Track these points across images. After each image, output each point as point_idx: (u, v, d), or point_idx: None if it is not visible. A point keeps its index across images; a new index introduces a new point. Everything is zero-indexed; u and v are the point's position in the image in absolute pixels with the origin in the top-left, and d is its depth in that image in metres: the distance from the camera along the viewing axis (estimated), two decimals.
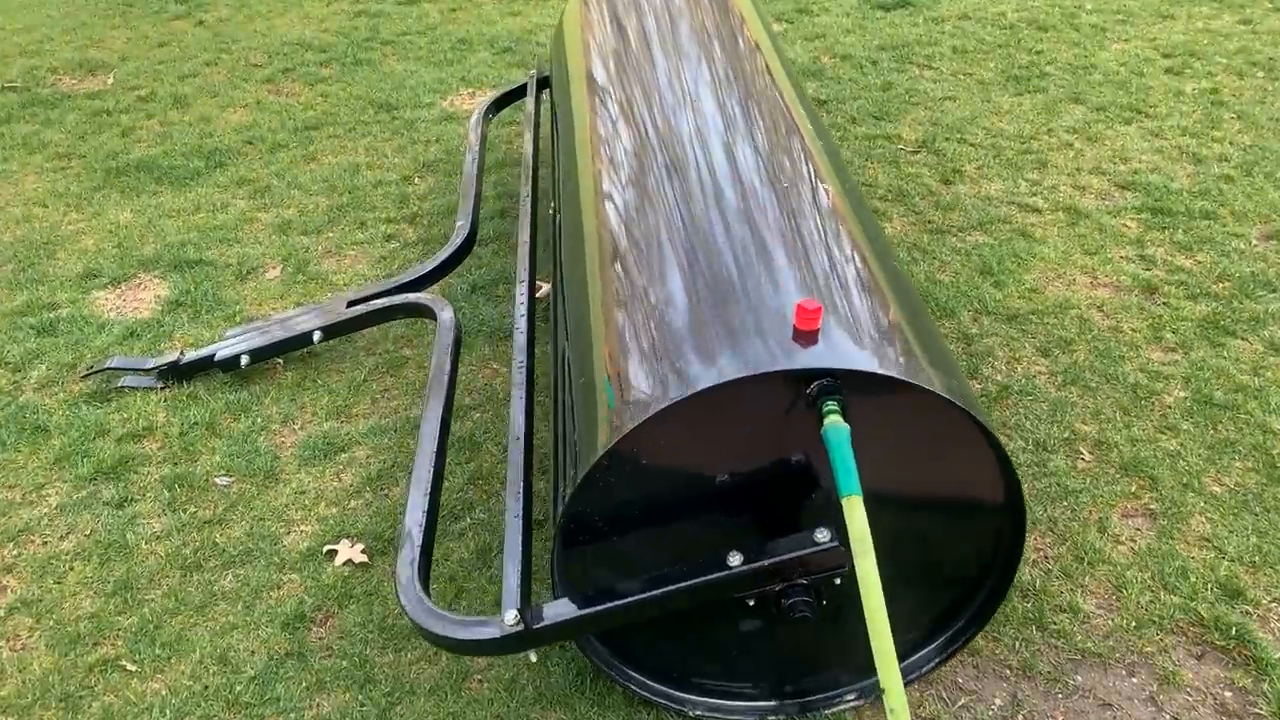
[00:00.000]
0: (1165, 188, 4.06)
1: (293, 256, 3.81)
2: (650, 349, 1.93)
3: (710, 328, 1.88)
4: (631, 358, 1.97)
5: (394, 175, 4.38)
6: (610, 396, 1.92)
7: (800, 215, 2.28)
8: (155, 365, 3.11)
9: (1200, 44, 5.46)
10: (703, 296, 1.98)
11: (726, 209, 2.26)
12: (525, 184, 3.40)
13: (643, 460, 1.80)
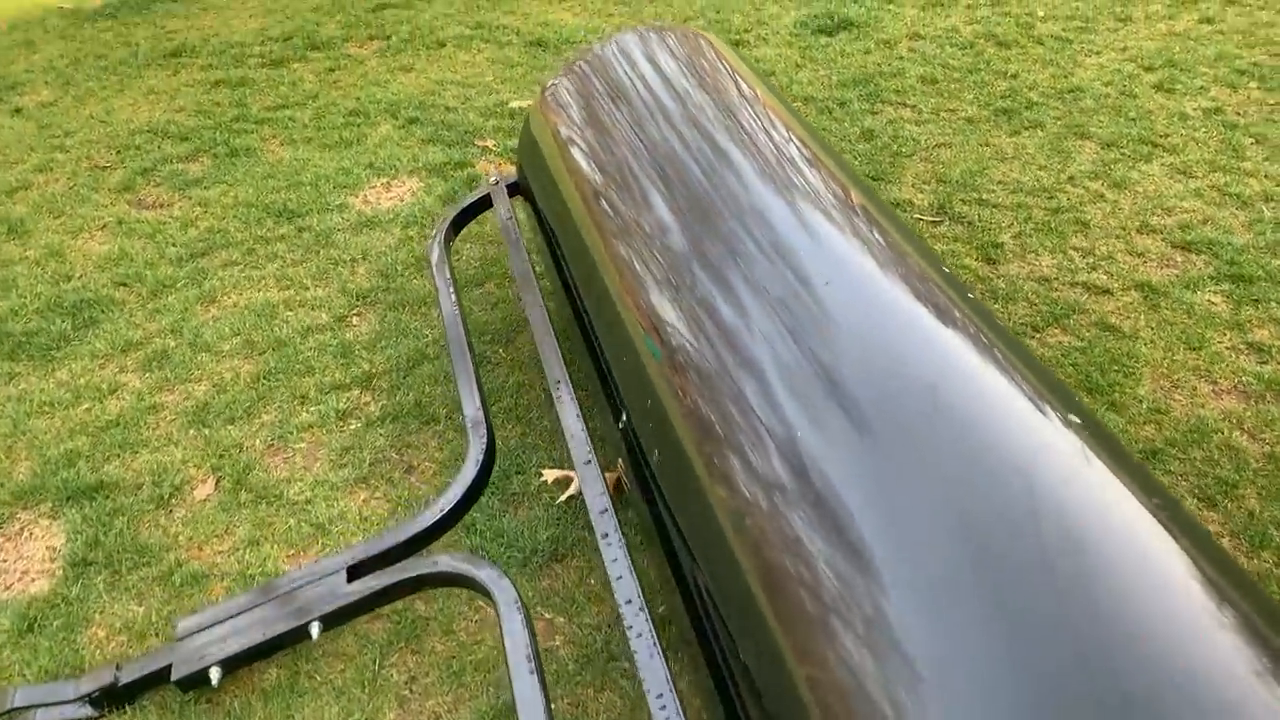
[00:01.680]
0: (1229, 244, 3.58)
1: (225, 461, 2.91)
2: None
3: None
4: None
5: (324, 315, 3.50)
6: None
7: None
8: (82, 693, 2.21)
9: (1174, 51, 5.05)
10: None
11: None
12: (545, 339, 2.59)
13: None
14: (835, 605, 1.40)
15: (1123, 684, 1.17)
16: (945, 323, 1.76)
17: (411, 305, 3.51)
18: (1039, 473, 1.44)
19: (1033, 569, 1.31)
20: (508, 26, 5.72)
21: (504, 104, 4.85)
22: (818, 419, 1.61)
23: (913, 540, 1.40)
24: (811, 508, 1.51)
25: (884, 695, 1.27)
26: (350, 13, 6.04)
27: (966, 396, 1.59)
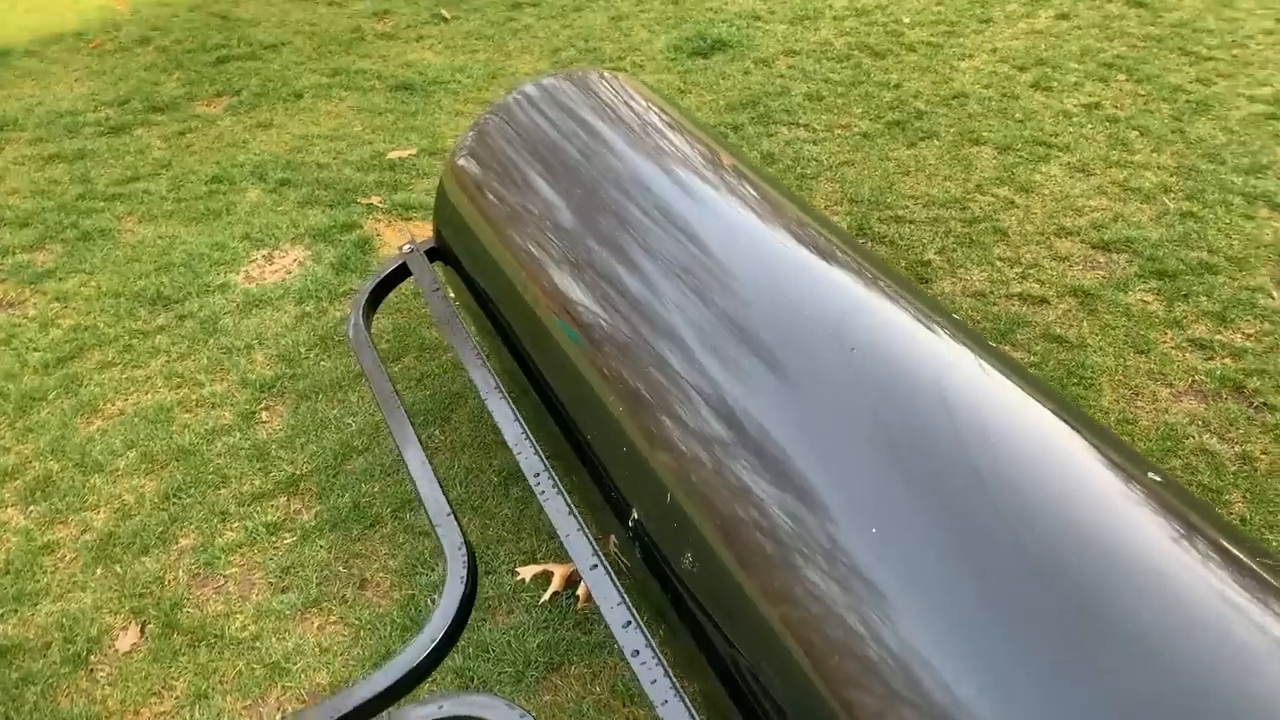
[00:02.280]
0: (1144, 240, 3.63)
1: (146, 601, 2.56)
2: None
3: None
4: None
5: (227, 414, 3.14)
6: None
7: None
8: None
9: (1040, 50, 5.16)
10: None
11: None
12: (509, 426, 2.34)
13: None
14: (794, 543, 1.54)
15: (1071, 579, 1.31)
16: (838, 265, 1.98)
17: (325, 392, 3.20)
18: (951, 392, 1.63)
19: (962, 478, 1.48)
20: (367, 71, 5.40)
21: (381, 155, 4.54)
22: (740, 372, 1.77)
23: (850, 471, 1.56)
24: (753, 455, 1.66)
25: (857, 619, 1.40)
26: (189, 69, 5.59)
27: (871, 329, 1.77)
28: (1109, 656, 1.24)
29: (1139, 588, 1.31)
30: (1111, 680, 1.22)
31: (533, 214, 2.49)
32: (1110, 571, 1.34)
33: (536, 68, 5.33)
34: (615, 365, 2.02)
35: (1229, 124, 4.38)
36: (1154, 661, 1.23)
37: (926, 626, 1.35)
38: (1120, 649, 1.25)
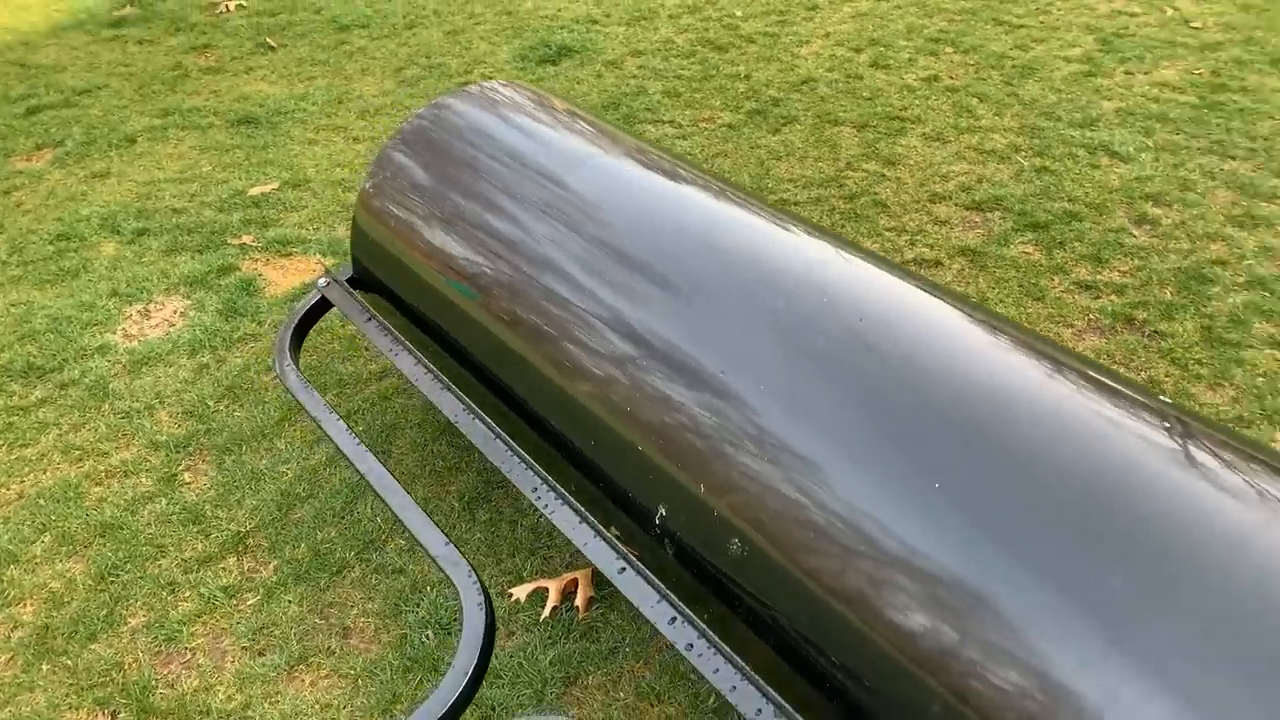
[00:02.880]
0: (1010, 196, 3.89)
1: (110, 690, 2.36)
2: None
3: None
4: None
5: (145, 481, 2.94)
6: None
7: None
8: None
9: (870, 31, 5.43)
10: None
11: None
12: (490, 445, 2.31)
13: None
14: (720, 436, 1.79)
15: (973, 427, 1.61)
16: (692, 183, 2.31)
17: (248, 442, 3.04)
18: (817, 264, 1.97)
19: (851, 346, 1.77)
20: (201, 108, 5.13)
21: (240, 193, 4.33)
22: (627, 291, 2.05)
23: (751, 358, 1.83)
24: (662, 364, 1.92)
25: (795, 491, 1.67)
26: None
27: (734, 229, 2.10)
28: (1011, 480, 1.56)
29: (1030, 419, 1.62)
30: (1015, 497, 1.54)
31: (461, 227, 2.52)
32: (1006, 415, 1.63)
33: (383, 88, 5.20)
34: (573, 357, 2.12)
35: (1054, 84, 4.74)
36: (1042, 475, 1.54)
37: (849, 484, 1.64)
38: (1019, 473, 1.56)
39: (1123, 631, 1.41)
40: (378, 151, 2.80)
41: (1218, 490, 1.55)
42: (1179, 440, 1.64)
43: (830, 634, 1.67)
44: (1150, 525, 1.50)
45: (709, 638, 1.84)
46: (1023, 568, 1.53)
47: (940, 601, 1.54)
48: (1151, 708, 1.34)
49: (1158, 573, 1.44)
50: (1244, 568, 1.41)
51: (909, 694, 1.55)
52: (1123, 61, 4.90)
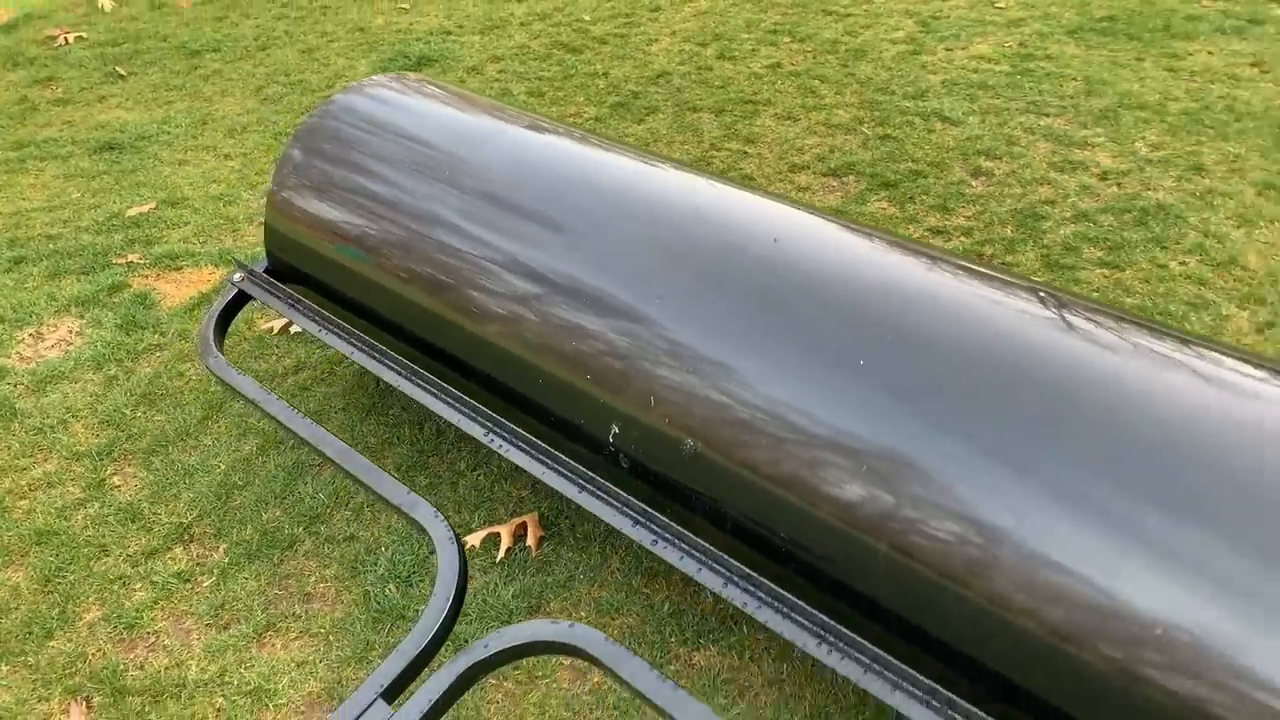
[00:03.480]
0: (861, 162, 4.27)
1: (77, 679, 2.40)
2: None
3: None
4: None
5: (74, 489, 2.95)
6: None
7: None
8: None
9: (713, 27, 5.79)
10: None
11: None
12: (427, 393, 2.46)
13: None
14: (634, 353, 2.08)
15: (869, 314, 1.94)
16: (573, 138, 2.65)
17: (174, 443, 3.09)
18: (691, 192, 2.33)
19: (724, 249, 2.11)
20: (57, 139, 5.05)
21: (117, 215, 4.32)
22: (514, 234, 2.34)
23: (645, 273, 2.13)
24: (565, 295, 2.20)
25: (709, 390, 1.96)
26: None
27: (618, 171, 2.44)
28: (916, 359, 1.86)
29: (929, 305, 1.93)
30: (923, 373, 1.83)
31: (367, 206, 2.71)
32: (909, 304, 1.94)
33: (246, 107, 5.24)
34: (496, 309, 2.34)
35: (885, 63, 5.19)
36: (943, 351, 1.85)
37: (770, 380, 1.93)
38: (923, 352, 1.85)
39: (1026, 468, 1.70)
40: (279, 154, 2.91)
41: (1089, 343, 1.87)
42: (1052, 308, 1.97)
43: (777, 513, 1.92)
44: (1036, 378, 1.81)
45: (671, 530, 2.05)
46: (935, 431, 1.81)
47: (865, 469, 1.80)
48: (1056, 522, 1.63)
49: (1049, 416, 1.74)
50: (1119, 403, 1.73)
51: (854, 553, 1.81)
52: (942, 40, 5.40)
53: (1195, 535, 1.53)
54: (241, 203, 4.35)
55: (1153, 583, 1.53)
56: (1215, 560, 1.52)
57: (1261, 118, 4.37)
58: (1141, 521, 1.59)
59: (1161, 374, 1.78)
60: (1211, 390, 1.73)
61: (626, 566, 2.55)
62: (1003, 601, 1.65)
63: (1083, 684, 1.59)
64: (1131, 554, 1.56)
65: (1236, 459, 1.60)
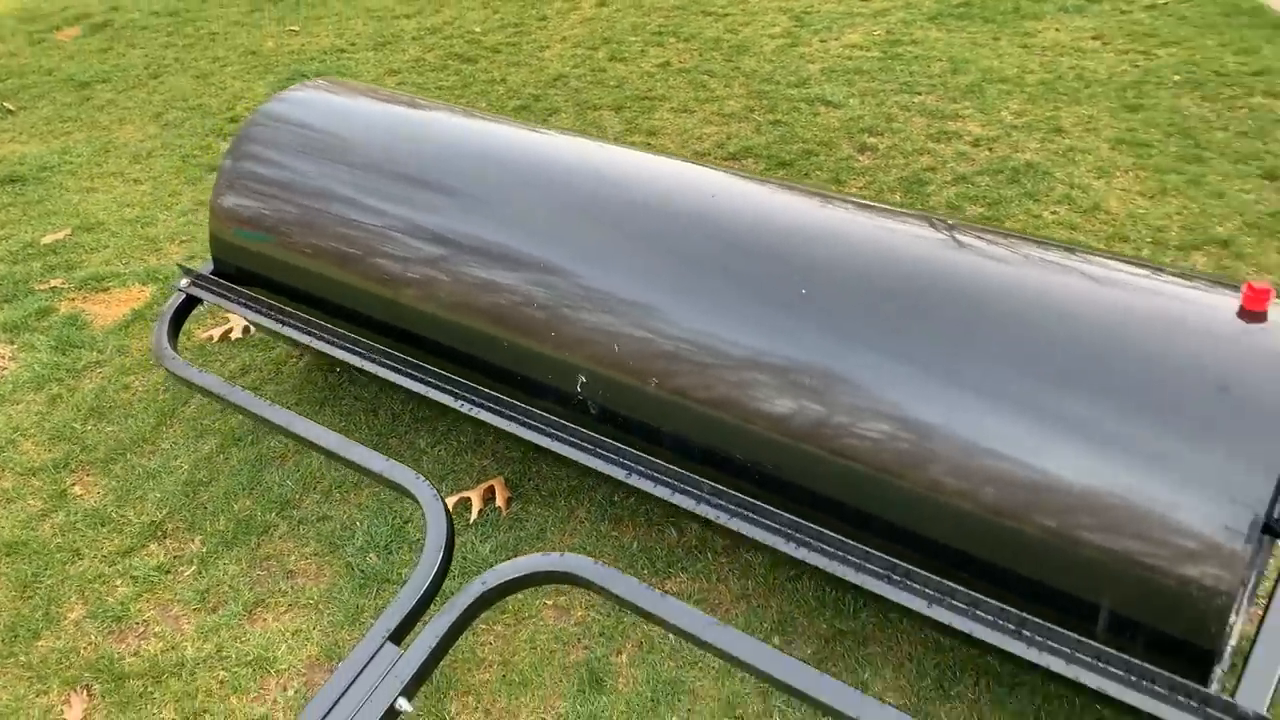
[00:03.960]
0: (759, 145, 4.57)
1: (72, 671, 2.47)
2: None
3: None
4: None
5: (35, 501, 2.99)
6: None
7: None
8: None
9: (601, 32, 6.06)
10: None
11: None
12: (404, 378, 2.64)
13: None
14: (554, 302, 2.35)
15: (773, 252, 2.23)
16: (485, 120, 2.95)
17: (131, 450, 3.17)
18: (589, 152, 2.67)
19: (671, 207, 2.38)
20: None
21: (32, 244, 4.32)
22: (464, 214, 2.57)
23: (547, 222, 2.45)
24: (472, 253, 2.49)
25: (669, 332, 2.21)
26: None
27: (521, 144, 2.74)
28: (839, 287, 2.14)
29: (846, 240, 2.24)
30: (847, 300, 2.11)
31: (308, 200, 2.89)
32: (829, 242, 2.23)
33: (147, 133, 5.26)
34: (440, 281, 2.58)
35: (767, 56, 5.52)
36: (862, 279, 2.14)
37: (699, 310, 2.21)
38: (847, 282, 2.13)
39: (947, 372, 1.97)
40: (219, 164, 3.03)
41: (986, 259, 2.16)
42: (953, 235, 2.26)
43: (731, 435, 2.17)
44: (945, 293, 2.08)
45: (643, 461, 2.27)
46: (873, 350, 2.06)
47: (811, 389, 2.06)
48: (973, 415, 1.89)
49: (961, 325, 2.00)
50: (1019, 308, 2.00)
51: (800, 462, 2.08)
52: (816, 33, 5.77)
53: (1097, 409, 1.82)
54: (159, 223, 4.40)
55: (1067, 454, 1.82)
56: (1112, 425, 1.80)
57: (1107, 83, 4.84)
58: (1049, 404, 1.87)
59: (1050, 277, 2.08)
60: (1094, 286, 2.04)
61: (593, 515, 2.75)
62: (940, 486, 1.91)
63: (1017, 549, 1.86)
64: (1047, 432, 1.84)
65: (1118, 342, 1.90)
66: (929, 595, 1.90)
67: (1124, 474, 1.76)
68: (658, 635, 2.41)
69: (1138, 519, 1.73)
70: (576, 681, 2.32)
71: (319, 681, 2.38)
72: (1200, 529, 1.68)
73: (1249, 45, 5.08)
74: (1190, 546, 1.69)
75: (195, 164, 4.88)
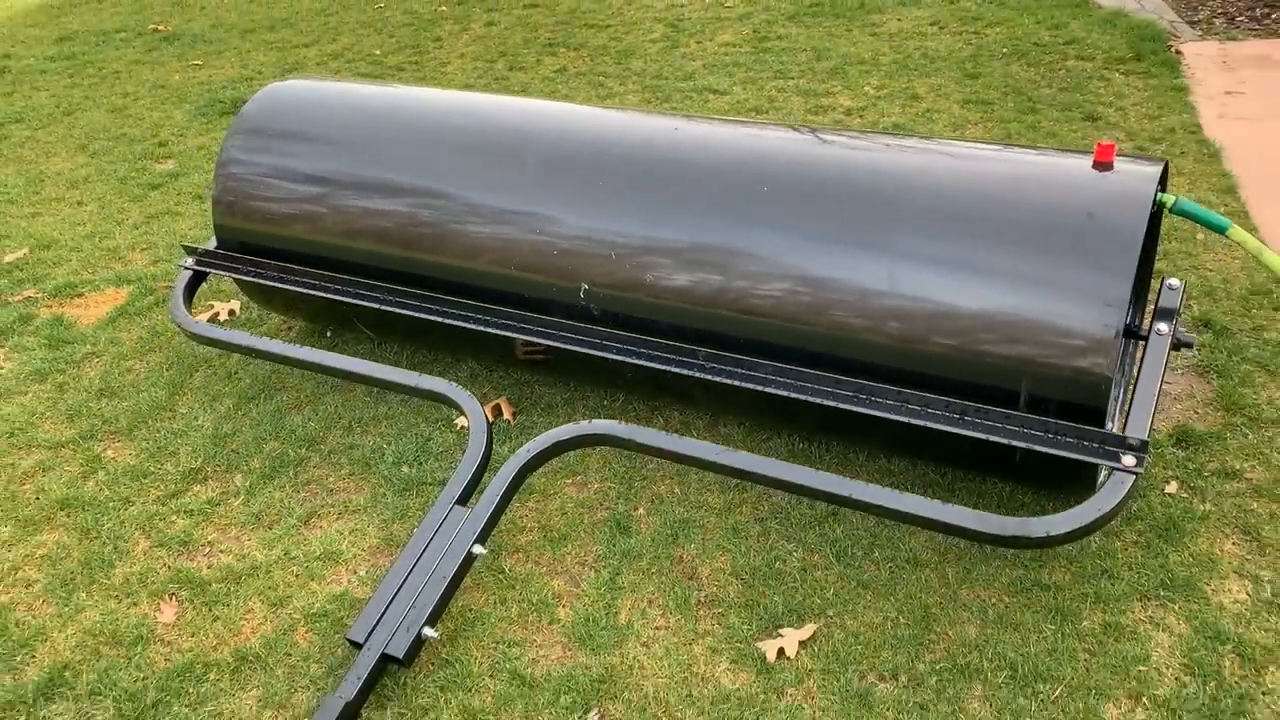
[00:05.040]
0: None
1: (152, 587, 2.81)
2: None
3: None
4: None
5: (71, 467, 3.29)
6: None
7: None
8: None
9: (496, 46, 6.58)
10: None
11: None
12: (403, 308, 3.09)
13: None
14: (553, 233, 2.88)
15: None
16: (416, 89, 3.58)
17: (151, 417, 3.48)
18: (526, 109, 3.33)
19: (639, 144, 2.94)
20: None
21: None
22: (463, 173, 3.10)
23: (541, 170, 2.96)
24: (478, 199, 3.02)
25: (658, 236, 2.77)
26: None
27: (468, 107, 3.32)
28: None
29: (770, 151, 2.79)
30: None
31: (300, 176, 3.32)
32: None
33: (77, 162, 5.49)
34: (425, 229, 3.09)
35: (652, 57, 6.15)
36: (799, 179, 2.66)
37: (679, 218, 2.77)
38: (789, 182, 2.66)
39: (878, 238, 2.55)
40: (217, 153, 3.41)
41: (895, 152, 2.76)
42: (867, 141, 2.86)
43: (709, 315, 2.71)
44: (875, 180, 2.66)
45: (641, 342, 2.78)
46: (819, 236, 2.63)
47: (787, 281, 2.62)
48: (907, 272, 2.48)
49: (895, 203, 2.58)
50: (930, 185, 2.61)
51: (771, 327, 2.63)
52: (691, 35, 6.44)
53: (1004, 247, 2.43)
54: (115, 237, 4.68)
55: (955, 286, 2.43)
56: (1014, 259, 2.41)
57: (948, 59, 5.64)
58: (963, 254, 2.48)
59: (943, 161, 2.70)
60: (981, 161, 2.68)
61: (588, 418, 3.24)
62: (891, 326, 2.49)
63: (960, 363, 2.44)
64: (963, 274, 2.45)
65: (1009, 195, 2.53)
66: (893, 406, 2.47)
67: (1029, 293, 2.37)
68: (666, 493, 2.92)
69: (1038, 326, 2.34)
70: (606, 532, 2.81)
71: (385, 565, 2.79)
72: (1084, 327, 2.30)
73: (1058, 22, 5.99)
74: (1077, 342, 2.31)
75: (135, 184, 5.15)
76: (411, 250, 3.13)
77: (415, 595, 2.45)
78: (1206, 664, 2.29)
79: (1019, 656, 2.34)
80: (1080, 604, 2.46)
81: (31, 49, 7.42)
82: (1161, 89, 4.98)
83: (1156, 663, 2.31)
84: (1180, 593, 2.47)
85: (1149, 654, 2.33)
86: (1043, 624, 2.42)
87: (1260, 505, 2.69)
